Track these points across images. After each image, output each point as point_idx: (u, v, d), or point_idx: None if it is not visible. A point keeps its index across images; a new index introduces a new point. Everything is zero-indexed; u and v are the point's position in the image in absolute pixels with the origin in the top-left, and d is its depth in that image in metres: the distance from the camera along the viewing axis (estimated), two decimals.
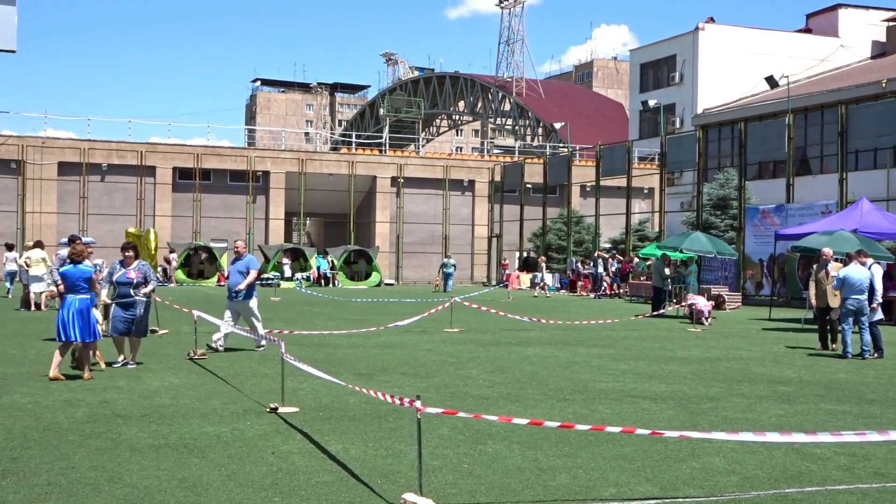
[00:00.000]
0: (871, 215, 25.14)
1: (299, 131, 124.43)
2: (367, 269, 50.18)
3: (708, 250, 29.81)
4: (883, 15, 60.70)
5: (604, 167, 45.84)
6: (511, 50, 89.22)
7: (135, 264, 13.60)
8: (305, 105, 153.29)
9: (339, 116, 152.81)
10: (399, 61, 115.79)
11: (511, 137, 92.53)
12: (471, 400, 11.03)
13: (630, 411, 10.38)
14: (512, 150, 71.35)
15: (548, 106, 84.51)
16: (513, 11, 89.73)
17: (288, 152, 56.17)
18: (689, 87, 57.81)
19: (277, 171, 53.66)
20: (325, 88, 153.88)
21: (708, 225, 39.41)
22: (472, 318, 24.49)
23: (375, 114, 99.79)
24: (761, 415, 10.27)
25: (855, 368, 14.83)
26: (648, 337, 20.30)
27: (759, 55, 56.92)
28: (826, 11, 62.26)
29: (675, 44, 59.74)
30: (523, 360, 15.31)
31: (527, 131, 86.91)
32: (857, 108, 33.94)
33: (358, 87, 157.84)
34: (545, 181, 51.21)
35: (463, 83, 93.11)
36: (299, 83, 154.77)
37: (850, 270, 16.43)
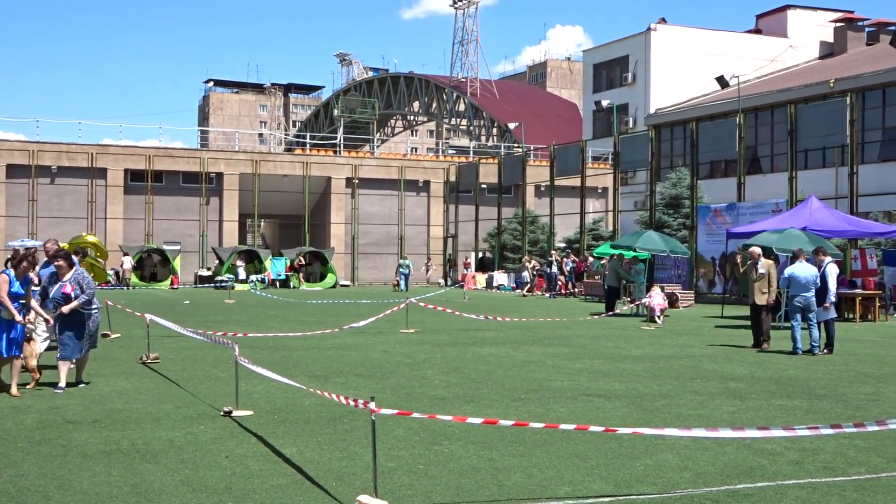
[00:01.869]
0: (820, 213, 25.52)
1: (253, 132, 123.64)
2: (322, 271, 50.00)
3: (661, 249, 30.06)
4: (831, 16, 61.67)
5: (558, 167, 46.08)
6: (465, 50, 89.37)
7: (69, 275, 11.58)
8: (259, 106, 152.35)
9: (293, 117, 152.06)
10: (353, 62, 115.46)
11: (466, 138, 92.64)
12: (426, 401, 11.03)
13: (585, 409, 10.44)
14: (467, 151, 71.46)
15: (502, 106, 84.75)
16: (467, 12, 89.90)
17: (242, 153, 55.77)
18: (642, 87, 58.32)
19: (231, 172, 53.26)
20: (278, 89, 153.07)
21: (661, 224, 39.78)
22: (428, 318, 24.49)
23: (330, 114, 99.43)
24: (714, 411, 10.39)
25: (805, 365, 15.05)
26: (603, 336, 20.44)
27: (710, 55, 57.58)
28: (775, 12, 63.13)
29: (628, 44, 60.24)
30: (479, 360, 15.34)
31: (481, 131, 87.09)
32: (806, 107, 34.45)
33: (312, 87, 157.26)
34: (500, 181, 51.37)
35: (417, 84, 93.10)
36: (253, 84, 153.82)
37: (796, 268, 16.67)
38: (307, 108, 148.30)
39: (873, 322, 24.82)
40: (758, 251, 18.16)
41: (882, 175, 38.27)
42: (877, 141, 42.55)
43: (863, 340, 19.42)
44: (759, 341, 17.77)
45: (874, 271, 27.30)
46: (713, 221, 35.02)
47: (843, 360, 15.61)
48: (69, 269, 11.63)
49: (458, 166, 56.60)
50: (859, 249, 28.24)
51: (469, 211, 53.97)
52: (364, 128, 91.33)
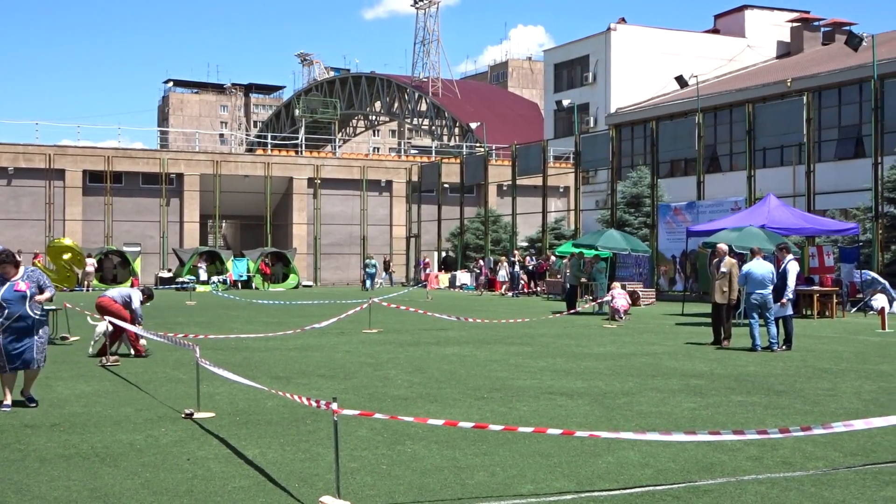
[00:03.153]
0: (778, 211, 25.81)
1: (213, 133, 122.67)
2: (284, 272, 49.78)
3: (622, 247, 30.31)
4: (787, 16, 62.44)
5: (520, 166, 46.23)
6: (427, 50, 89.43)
7: (20, 273, 10.50)
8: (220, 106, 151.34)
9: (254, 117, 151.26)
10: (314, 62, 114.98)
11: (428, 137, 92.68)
12: (389, 401, 11.02)
13: (547, 408, 10.48)
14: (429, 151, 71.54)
15: (464, 106, 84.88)
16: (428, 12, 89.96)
17: (202, 154, 55.37)
18: (603, 86, 58.67)
19: (191, 173, 52.85)
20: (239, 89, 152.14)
21: (622, 222, 40.05)
22: (391, 318, 24.46)
23: (291, 115, 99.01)
24: (674, 408, 10.47)
25: (764, 361, 15.21)
26: (565, 334, 20.52)
27: (670, 55, 58.05)
28: (733, 12, 63.80)
29: (588, 44, 60.58)
30: (442, 359, 15.35)
31: (443, 131, 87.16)
32: (764, 106, 34.84)
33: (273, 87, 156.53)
34: (462, 181, 51.46)
35: (379, 83, 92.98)
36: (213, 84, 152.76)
37: (753, 266, 16.83)
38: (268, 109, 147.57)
39: (830, 318, 25.14)
40: (724, 248, 18.34)
41: (838, 173, 38.81)
42: (833, 140, 43.15)
43: (820, 337, 19.67)
44: (719, 338, 17.95)
45: (831, 268, 27.65)
46: (673, 220, 35.30)
47: (800, 357, 15.80)
48: (16, 270, 10.51)
49: (421, 166, 56.62)
50: (816, 247, 28.60)
51: (431, 211, 54.01)
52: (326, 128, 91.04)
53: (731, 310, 18.27)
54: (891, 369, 14.02)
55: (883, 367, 14.24)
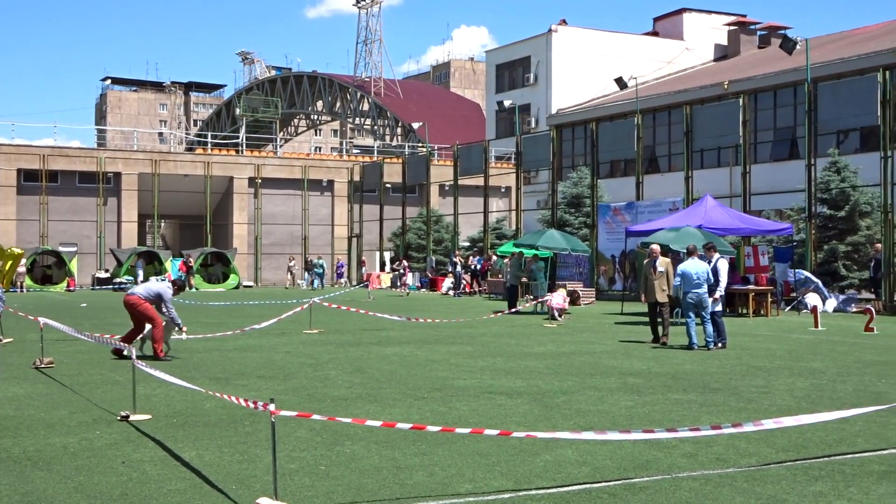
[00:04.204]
0: (715, 212, 26.21)
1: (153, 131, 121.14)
2: (225, 272, 49.31)
3: (563, 247, 30.52)
4: (724, 19, 63.39)
5: (462, 166, 46.34)
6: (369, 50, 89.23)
7: None
8: (159, 104, 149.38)
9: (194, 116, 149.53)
10: (256, 60, 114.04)
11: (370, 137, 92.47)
12: (329, 401, 10.97)
13: (487, 407, 10.52)
14: (371, 150, 71.37)
15: (406, 106, 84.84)
16: (370, 11, 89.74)
17: (140, 153, 54.64)
18: (544, 87, 59.03)
19: (130, 172, 52.10)
20: (179, 87, 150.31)
21: (563, 222, 40.34)
22: (332, 318, 24.36)
23: (232, 114, 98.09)
24: (612, 406, 10.58)
25: (700, 359, 15.43)
26: (506, 333, 20.62)
27: (610, 57, 58.61)
28: (671, 15, 64.61)
29: (530, 45, 60.91)
30: (383, 359, 15.32)
31: (385, 131, 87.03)
32: (702, 108, 35.35)
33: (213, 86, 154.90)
34: (404, 181, 51.43)
35: (321, 83, 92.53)
36: (152, 82, 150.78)
37: (688, 265, 17.07)
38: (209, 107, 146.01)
39: (765, 317, 25.60)
40: (657, 248, 18.56)
41: (774, 174, 39.48)
42: (769, 141, 43.92)
43: (755, 335, 20.01)
44: (657, 337, 18.18)
45: (766, 268, 28.14)
46: (613, 220, 35.67)
47: (735, 355, 16.06)
48: None
49: (363, 166, 56.49)
50: (752, 246, 29.07)
51: (373, 210, 53.90)
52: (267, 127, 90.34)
53: (670, 308, 18.54)
54: (822, 367, 14.31)
55: (815, 365, 14.53)
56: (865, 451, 8.22)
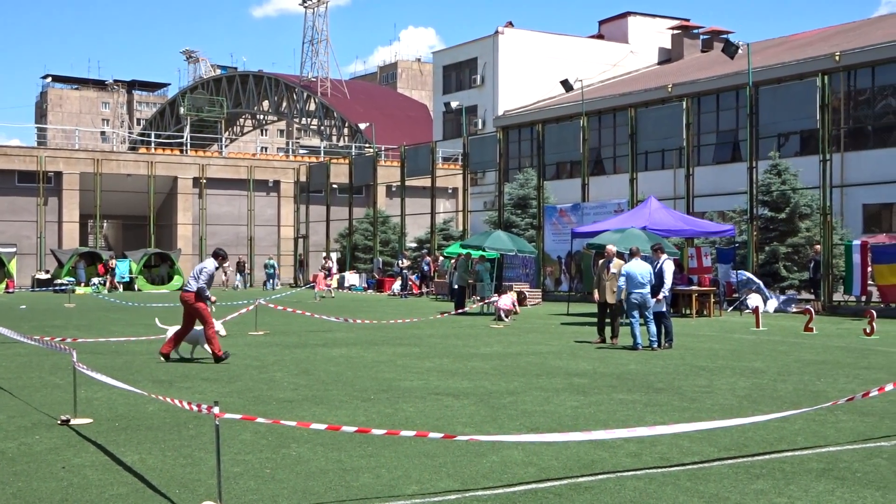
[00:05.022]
0: (659, 213, 26.50)
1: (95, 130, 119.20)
2: (169, 273, 48.73)
3: (509, 248, 30.63)
4: (668, 23, 64.12)
5: (408, 167, 46.33)
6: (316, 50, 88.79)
7: None
8: (101, 103, 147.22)
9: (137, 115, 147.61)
10: (201, 59, 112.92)
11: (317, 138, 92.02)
12: (274, 403, 10.89)
13: (433, 409, 10.52)
14: (318, 151, 71.00)
15: (353, 106, 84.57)
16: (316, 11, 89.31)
17: (82, 152, 53.77)
18: (490, 89, 59.22)
19: (71, 171, 51.25)
20: (122, 86, 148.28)
21: (509, 224, 40.50)
22: (278, 320, 24.20)
23: (176, 113, 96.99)
24: (558, 407, 10.64)
25: (645, 359, 15.59)
26: (453, 334, 20.64)
27: (556, 59, 58.97)
28: (616, 18, 65.20)
29: (476, 47, 61.05)
30: (329, 361, 15.26)
31: (332, 131, 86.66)
32: (646, 111, 35.72)
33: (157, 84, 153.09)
34: (351, 181, 51.26)
35: (267, 82, 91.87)
36: (94, 80, 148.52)
37: (632, 266, 17.23)
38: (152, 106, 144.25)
39: (708, 317, 25.94)
40: (613, 250, 18.72)
41: (717, 176, 40.03)
42: (711, 144, 44.50)
43: (698, 335, 20.27)
44: (603, 338, 18.35)
45: (709, 269, 28.54)
46: (559, 221, 35.90)
47: (679, 355, 16.25)
48: None
49: (309, 166, 56.18)
50: (695, 248, 29.47)
51: (320, 211, 53.62)
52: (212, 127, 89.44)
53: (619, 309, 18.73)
54: (763, 366, 14.54)
55: (756, 365, 14.76)
56: (805, 448, 8.37)
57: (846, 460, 7.91)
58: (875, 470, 7.57)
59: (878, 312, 21.96)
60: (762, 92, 30.86)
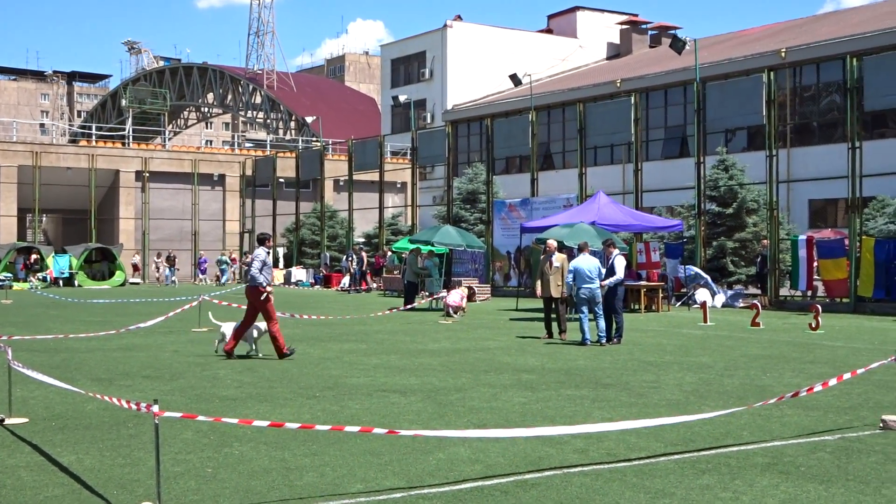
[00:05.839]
0: (608, 208, 26.65)
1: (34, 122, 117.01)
2: (110, 268, 48.04)
3: (458, 243, 30.62)
4: (617, 18, 64.62)
5: (356, 161, 46.13)
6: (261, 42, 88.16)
7: None
8: (40, 94, 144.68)
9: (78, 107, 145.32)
10: (143, 50, 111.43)
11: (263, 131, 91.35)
12: (217, 402, 10.77)
13: (379, 406, 10.47)
14: (264, 144, 70.46)
15: (300, 99, 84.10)
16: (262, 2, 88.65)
17: (20, 144, 52.79)
18: (439, 83, 59.22)
19: (8, 164, 50.26)
20: (61, 77, 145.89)
21: (458, 218, 40.52)
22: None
23: (118, 105, 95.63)
24: (506, 403, 10.65)
25: (593, 355, 15.68)
26: (401, 330, 20.60)
27: (504, 53, 59.13)
28: (565, 13, 65.54)
29: (425, 40, 61.01)
30: (274, 358, 15.12)
31: (279, 125, 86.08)
32: (595, 106, 35.89)
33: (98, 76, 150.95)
34: (298, 175, 50.92)
35: (212, 74, 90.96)
36: (32, 71, 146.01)
37: (580, 261, 17.29)
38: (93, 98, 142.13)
39: (657, 312, 26.18)
40: (553, 244, 18.76)
41: (665, 171, 40.45)
42: (660, 139, 44.98)
43: (646, 330, 20.44)
44: (551, 333, 18.42)
45: (657, 264, 28.76)
46: (508, 216, 35.98)
47: (627, 350, 16.37)
48: None
49: (255, 160, 55.73)
50: (644, 243, 29.70)
51: (266, 205, 53.23)
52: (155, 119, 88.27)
53: (566, 304, 18.83)
54: (710, 361, 14.70)
55: (703, 360, 14.91)
56: (750, 443, 8.47)
57: (791, 454, 8.01)
58: (819, 464, 7.68)
59: (824, 307, 22.34)
60: (709, 88, 31.19)
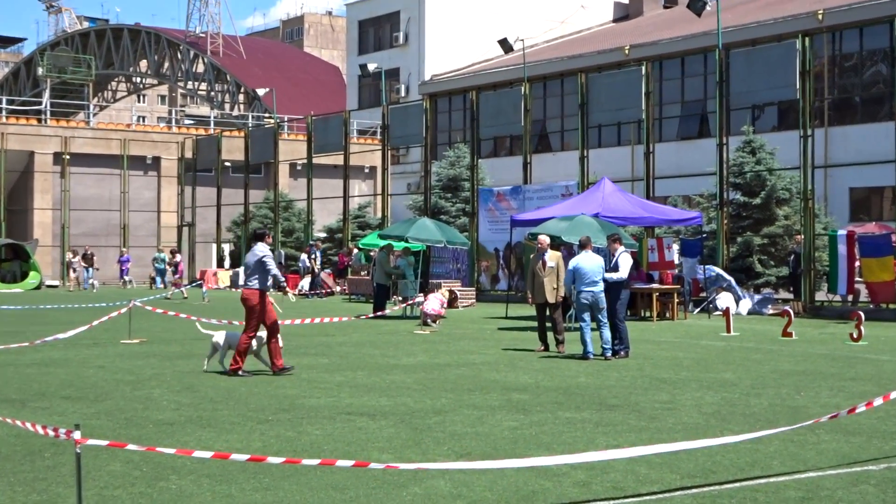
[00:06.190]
0: (614, 198, 26.71)
1: None
2: (22, 269, 47.77)
3: (437, 239, 30.62)
4: None
5: (317, 142, 46.09)
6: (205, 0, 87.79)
7: None
8: None
9: None
10: (64, 9, 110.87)
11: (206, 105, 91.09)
12: (151, 427, 10.75)
13: (344, 431, 10.47)
14: (207, 121, 70.31)
15: (250, 68, 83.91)
16: None
17: None
18: (416, 49, 59.24)
19: None
20: None
21: (437, 210, 40.59)
22: (158, 325, 23.90)
23: (33, 74, 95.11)
24: (494, 428, 10.67)
25: (596, 371, 15.72)
26: (369, 342, 20.60)
27: (493, 15, 59.16)
28: None
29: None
30: (219, 375, 15.10)
31: (225, 98, 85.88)
32: (599, 77, 35.94)
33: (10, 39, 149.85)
34: (247, 158, 50.84)
35: (146, 38, 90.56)
36: None
37: (581, 260, 17.22)
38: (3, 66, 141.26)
39: (671, 321, 26.27)
40: (546, 240, 18.75)
41: (681, 154, 40.62)
42: (675, 116, 45.15)
43: (659, 342, 20.52)
44: (547, 345, 18.44)
45: (672, 263, 28.86)
46: (496, 207, 36.04)
47: (637, 365, 16.42)
48: None
49: (196, 140, 55.60)
50: (656, 239, 29.79)
51: (210, 194, 53.07)
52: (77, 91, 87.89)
53: (563, 309, 18.85)
54: (734, 378, 14.77)
55: (726, 376, 14.98)
56: (781, 474, 8.51)
57: (829, 487, 8.05)
58: (862, 498, 7.72)
59: (867, 314, 22.39)
60: (733, 56, 31.30)
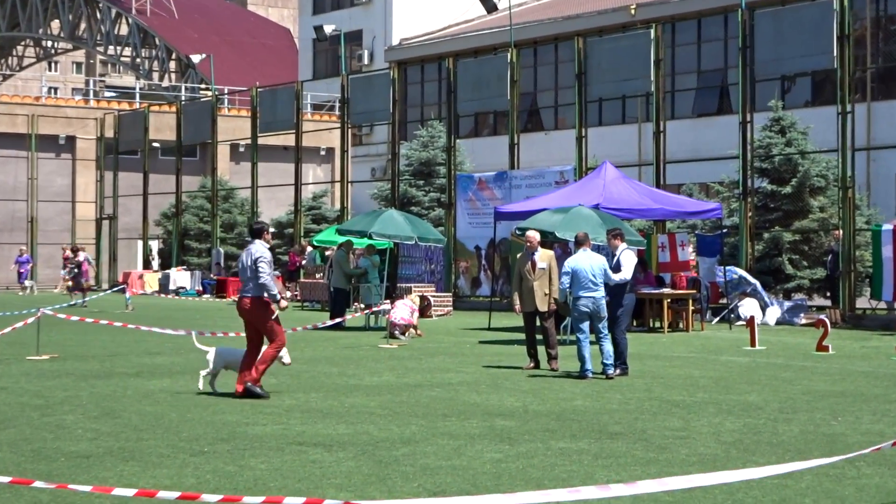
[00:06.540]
0: (617, 185, 26.71)
1: None
2: None
3: (407, 235, 30.53)
4: None
5: (262, 119, 45.96)
6: None
7: None
8: None
9: None
10: None
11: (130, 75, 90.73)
12: (63, 460, 10.70)
13: (294, 465, 10.44)
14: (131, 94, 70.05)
15: (183, 30, 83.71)
16: None
17: None
18: (381, 8, 59.15)
19: None
20: None
21: (408, 200, 40.53)
22: (71, 337, 23.77)
23: None
24: (473, 461, 10.65)
25: (596, 392, 15.71)
26: (325, 358, 20.57)
27: None
28: None
29: None
30: (145, 397, 15.05)
31: (153, 66, 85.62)
32: (600, 42, 35.91)
33: None
34: (179, 138, 50.67)
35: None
36: None
37: (579, 260, 17.19)
38: None
39: (685, 332, 26.28)
40: (535, 237, 18.73)
41: (697, 134, 40.69)
42: (691, 89, 45.17)
43: (671, 357, 20.55)
44: (537, 361, 18.42)
45: (687, 264, 28.86)
46: (477, 196, 35.98)
47: (644, 385, 16.42)
48: None
49: (119, 116, 55.37)
50: (668, 235, 29.81)
51: (135, 181, 52.88)
52: None
53: (556, 319, 18.84)
54: (760, 400, 14.79)
55: (750, 398, 15.00)
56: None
57: None
58: None
59: None
60: (759, 17, 31.31)
